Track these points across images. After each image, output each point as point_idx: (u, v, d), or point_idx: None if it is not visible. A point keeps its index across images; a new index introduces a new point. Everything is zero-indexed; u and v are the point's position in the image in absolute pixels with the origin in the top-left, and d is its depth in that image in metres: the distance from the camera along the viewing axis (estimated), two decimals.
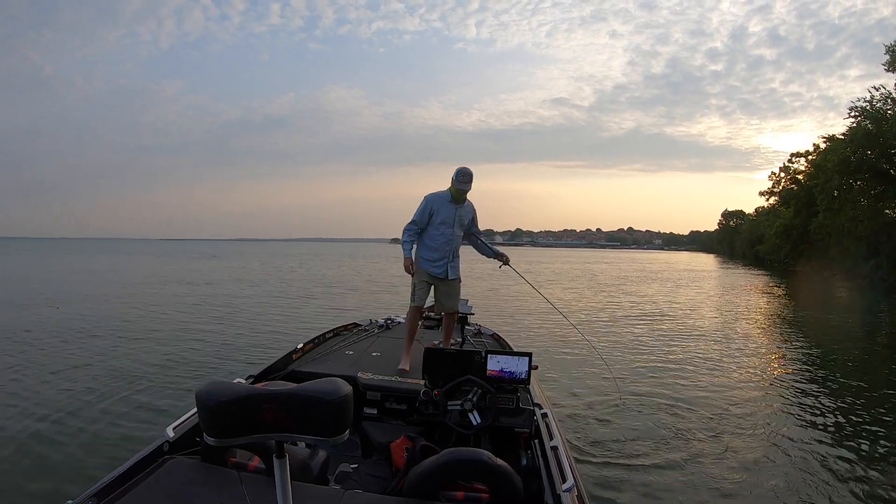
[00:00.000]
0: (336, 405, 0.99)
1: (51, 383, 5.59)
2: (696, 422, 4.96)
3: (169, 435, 2.07)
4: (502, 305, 11.10)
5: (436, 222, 3.68)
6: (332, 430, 1.00)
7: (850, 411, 5.38)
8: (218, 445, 1.01)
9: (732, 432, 4.70)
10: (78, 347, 7.46)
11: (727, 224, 78.67)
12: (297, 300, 14.31)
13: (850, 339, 10.50)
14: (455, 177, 3.59)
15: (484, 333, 4.87)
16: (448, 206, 3.69)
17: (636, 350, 8.51)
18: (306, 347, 3.81)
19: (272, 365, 3.25)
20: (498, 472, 1.79)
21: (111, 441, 4.05)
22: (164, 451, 2.01)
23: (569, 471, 2.00)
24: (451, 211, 3.69)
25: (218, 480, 1.73)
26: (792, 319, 13.15)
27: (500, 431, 2.77)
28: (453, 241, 3.73)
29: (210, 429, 0.99)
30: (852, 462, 4.09)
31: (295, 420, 0.99)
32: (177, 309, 11.71)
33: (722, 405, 5.47)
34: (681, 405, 5.44)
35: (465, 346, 4.16)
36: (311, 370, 3.32)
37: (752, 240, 52.27)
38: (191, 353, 7.27)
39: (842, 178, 26.62)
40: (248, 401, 0.98)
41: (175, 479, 1.74)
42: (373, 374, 3.25)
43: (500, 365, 2.81)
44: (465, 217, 3.77)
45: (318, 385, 1.02)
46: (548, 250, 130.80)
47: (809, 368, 7.38)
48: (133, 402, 5.03)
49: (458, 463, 1.80)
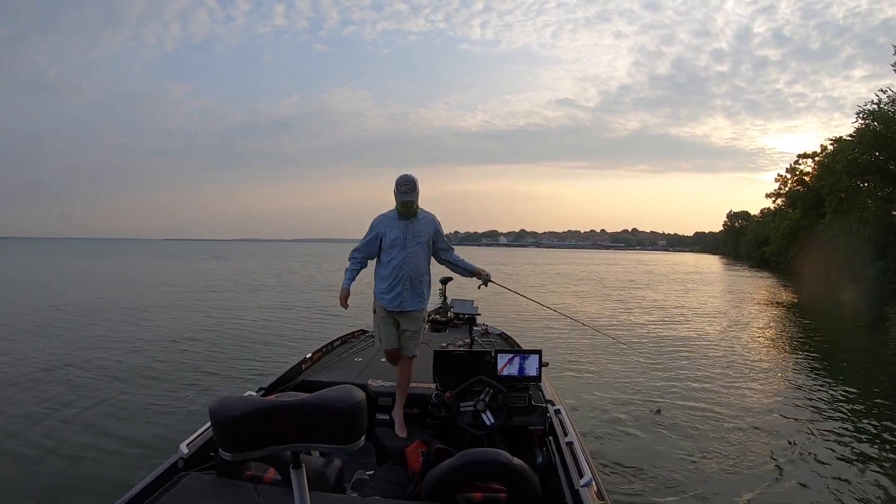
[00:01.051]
0: (350, 412, 0.99)
1: (58, 401, 5.31)
2: (714, 420, 4.91)
3: (183, 451, 2.07)
4: (507, 306, 11.03)
5: (385, 248, 3.09)
6: (348, 438, 1.00)
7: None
8: (233, 460, 1.00)
9: (750, 434, 4.63)
10: (83, 365, 6.98)
11: (732, 225, 78.15)
12: (303, 307, 13.90)
13: (865, 343, 10.32)
14: (396, 186, 2.99)
15: (492, 333, 4.83)
16: (396, 225, 3.06)
17: (650, 348, 8.44)
18: (315, 356, 3.78)
19: (282, 376, 3.24)
20: (514, 470, 1.79)
21: (125, 460, 3.95)
22: (178, 467, 1.99)
23: (585, 466, 1.99)
24: (399, 229, 3.05)
25: (234, 494, 1.73)
26: (803, 325, 12.92)
27: (514, 430, 2.76)
28: (407, 264, 3.05)
29: (225, 443, 0.99)
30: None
31: (309, 430, 0.99)
32: (185, 318, 11.35)
33: (738, 408, 5.37)
34: (698, 403, 5.38)
35: (474, 346, 4.12)
36: (322, 379, 3.29)
37: (758, 241, 51.99)
38: (200, 366, 7.07)
39: (850, 179, 26.50)
40: (261, 413, 0.98)
41: (192, 495, 1.72)
42: (383, 380, 3.22)
43: (510, 364, 2.79)
44: (421, 234, 3.10)
45: (331, 393, 1.02)
46: (552, 251, 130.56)
47: (826, 377, 6.97)
48: (143, 419, 4.87)
49: (474, 464, 1.81)
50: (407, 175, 3.00)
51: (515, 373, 2.80)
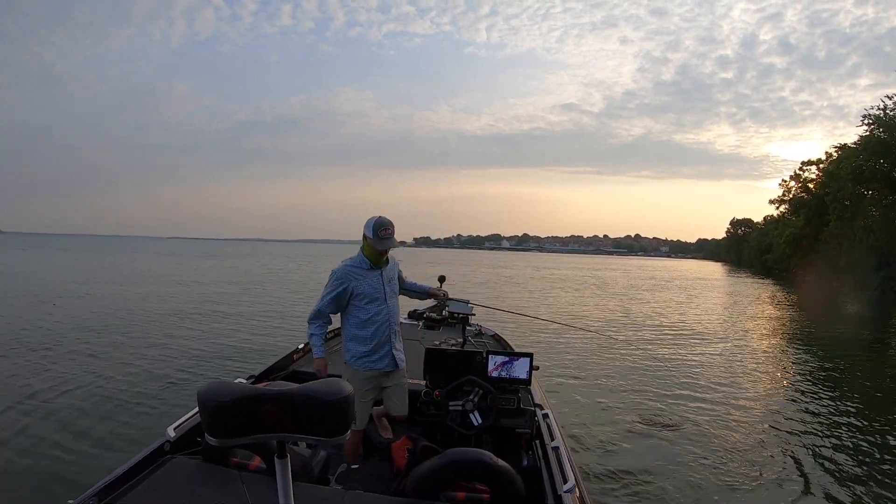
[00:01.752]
0: (338, 405, 0.99)
1: (51, 383, 5.47)
2: (702, 426, 4.86)
3: (170, 435, 2.07)
4: (503, 306, 11.04)
5: (360, 303, 2.65)
6: (334, 431, 1.00)
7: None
8: (219, 445, 1.00)
9: (739, 444, 4.58)
10: (76, 348, 7.29)
11: (735, 232, 77.98)
12: (297, 301, 14.18)
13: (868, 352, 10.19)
14: (373, 231, 2.57)
15: (485, 334, 4.83)
16: (368, 276, 2.66)
17: (643, 352, 8.41)
18: (307, 347, 3.75)
19: (273, 365, 3.25)
20: (499, 472, 1.81)
21: (112, 441, 4.01)
22: (164, 450, 2.01)
23: (570, 471, 2.00)
24: (374, 281, 2.67)
25: (219, 480, 1.73)
26: (806, 333, 12.83)
27: (502, 432, 2.76)
28: (391, 319, 2.71)
29: (211, 429, 0.98)
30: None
31: (296, 420, 0.99)
32: (177, 309, 11.56)
33: (729, 418, 5.29)
34: (688, 410, 5.31)
35: (466, 346, 4.08)
36: (313, 370, 3.26)
37: (761, 249, 51.71)
38: (192, 353, 7.16)
39: (854, 186, 26.33)
40: (250, 401, 0.98)
41: (176, 478, 1.74)
42: None
43: (501, 365, 2.78)
44: (394, 280, 2.81)
45: (319, 385, 1.02)
46: (555, 256, 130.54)
47: (822, 387, 6.87)
48: (133, 402, 4.96)
49: (459, 463, 1.83)
50: (385, 218, 2.60)
51: (506, 375, 2.78)
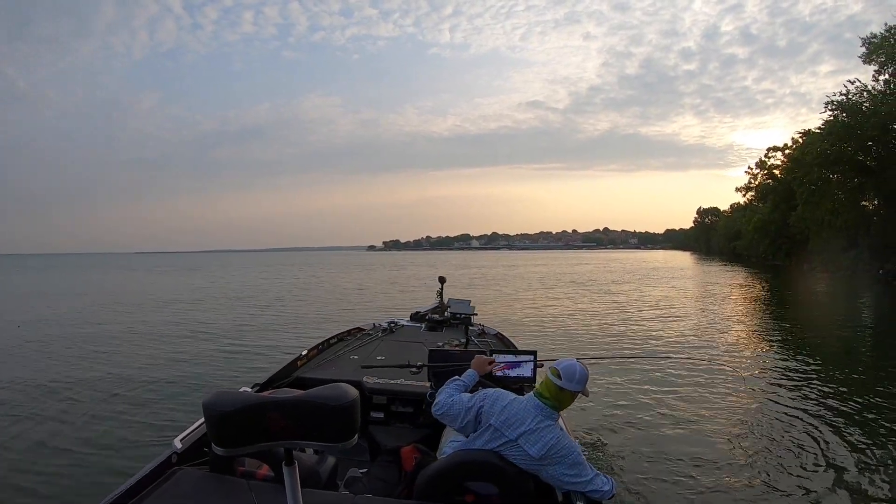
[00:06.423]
0: (344, 411, 0.98)
1: (55, 397, 5.46)
2: (704, 427, 4.71)
3: (177, 446, 2.08)
4: (505, 307, 10.72)
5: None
6: (341, 436, 0.99)
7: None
8: (226, 455, 0.99)
9: (742, 432, 4.53)
10: (80, 362, 7.27)
11: (703, 221, 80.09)
12: (296, 308, 14.12)
13: (848, 331, 10.24)
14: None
15: (488, 333, 4.80)
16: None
17: (651, 346, 8.27)
18: (311, 353, 3.78)
19: (277, 372, 3.26)
20: (507, 472, 1.82)
21: (119, 454, 3.98)
22: (172, 462, 2.01)
23: None
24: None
25: (227, 490, 1.73)
26: (775, 317, 12.90)
27: None
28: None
29: (218, 438, 0.98)
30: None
31: (303, 427, 0.98)
32: (176, 322, 11.45)
33: (725, 403, 5.31)
34: (686, 402, 5.27)
35: (470, 346, 4.10)
36: (317, 376, 3.30)
37: (729, 236, 53.02)
38: (195, 363, 7.11)
39: (820, 170, 26.98)
40: (255, 409, 0.97)
41: (184, 490, 1.73)
42: (378, 378, 3.21)
43: (506, 365, 2.76)
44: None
45: (324, 391, 1.01)
46: (525, 253, 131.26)
47: (800, 372, 6.71)
48: (139, 414, 4.92)
49: (466, 464, 1.85)
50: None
51: (510, 373, 2.77)
